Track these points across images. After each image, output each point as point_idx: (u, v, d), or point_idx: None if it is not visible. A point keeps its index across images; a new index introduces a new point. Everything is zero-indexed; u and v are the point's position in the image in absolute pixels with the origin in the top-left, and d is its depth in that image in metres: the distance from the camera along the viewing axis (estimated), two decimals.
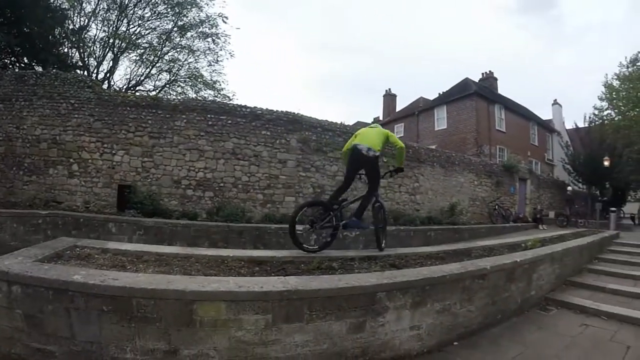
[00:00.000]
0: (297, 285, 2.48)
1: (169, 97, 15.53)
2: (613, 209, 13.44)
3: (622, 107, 22.83)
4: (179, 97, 16.19)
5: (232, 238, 7.77)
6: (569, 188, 19.97)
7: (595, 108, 24.44)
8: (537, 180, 20.17)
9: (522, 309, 4.25)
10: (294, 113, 10.54)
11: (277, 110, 10.36)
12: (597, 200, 19.84)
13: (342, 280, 2.72)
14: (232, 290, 2.31)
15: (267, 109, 10.27)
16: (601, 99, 24.30)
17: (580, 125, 24.00)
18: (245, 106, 10.10)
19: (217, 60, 17.77)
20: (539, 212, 16.90)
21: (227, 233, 7.81)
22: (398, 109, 30.50)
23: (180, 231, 7.67)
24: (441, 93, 25.71)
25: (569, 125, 26.57)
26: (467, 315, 3.41)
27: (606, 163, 18.83)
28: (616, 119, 23.05)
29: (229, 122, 9.68)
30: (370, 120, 32.96)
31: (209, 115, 9.61)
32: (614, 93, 23.51)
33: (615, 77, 23.51)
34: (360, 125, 29.25)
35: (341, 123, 12.02)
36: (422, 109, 25.21)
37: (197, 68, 17.89)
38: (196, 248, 4.43)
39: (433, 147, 17.94)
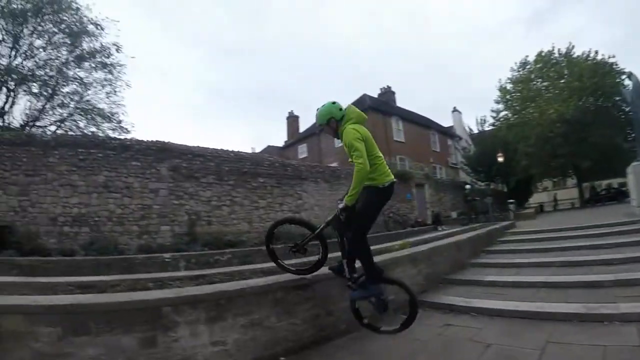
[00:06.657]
0: (82, 300, 2.72)
1: (47, 132, 14.81)
2: (511, 200, 14.96)
3: (517, 107, 25.18)
4: (58, 132, 15.52)
5: (101, 270, 7.96)
6: (467, 186, 20.75)
7: (493, 110, 26.76)
8: (435, 184, 21.15)
9: None
10: (163, 142, 10.99)
11: (145, 140, 10.79)
12: (488, 195, 19.45)
13: (131, 295, 2.92)
14: (27, 304, 2.54)
15: (135, 139, 10.79)
16: (497, 102, 26.62)
17: (474, 128, 26.05)
18: (114, 138, 10.68)
19: (115, 91, 17.53)
20: (436, 214, 18.10)
21: (96, 266, 8.00)
22: (303, 128, 31.59)
23: (53, 268, 7.69)
24: None
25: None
26: (292, 328, 3.23)
27: (500, 159, 19.69)
28: (511, 118, 25.06)
29: (99, 155, 9.87)
30: (281, 144, 32.98)
31: (79, 150, 9.70)
32: (507, 95, 25.94)
33: (509, 80, 26.05)
34: (273, 150, 29.01)
35: (212, 148, 12.08)
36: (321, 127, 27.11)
37: (94, 100, 17.37)
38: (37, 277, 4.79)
39: (335, 164, 19.06)
